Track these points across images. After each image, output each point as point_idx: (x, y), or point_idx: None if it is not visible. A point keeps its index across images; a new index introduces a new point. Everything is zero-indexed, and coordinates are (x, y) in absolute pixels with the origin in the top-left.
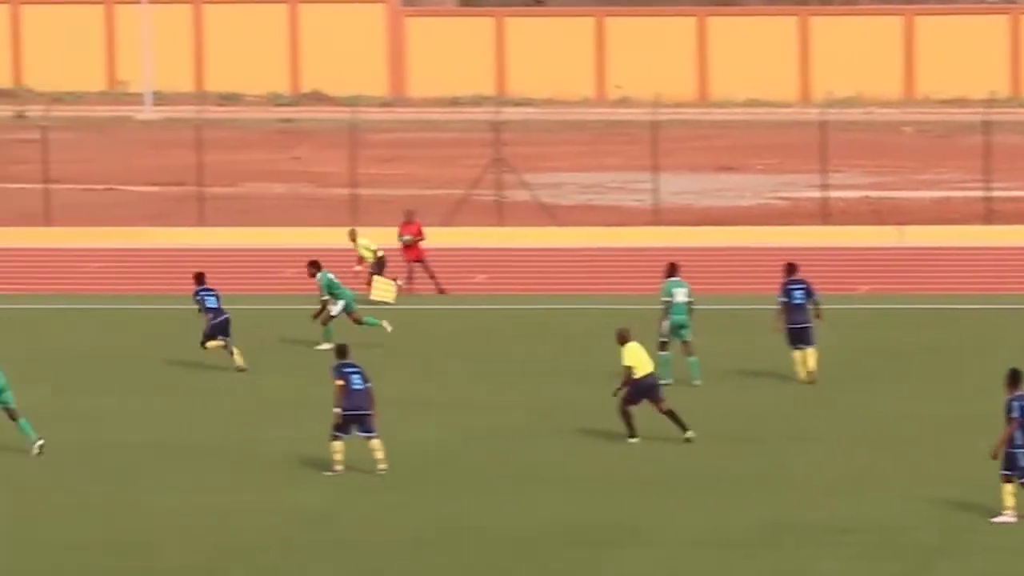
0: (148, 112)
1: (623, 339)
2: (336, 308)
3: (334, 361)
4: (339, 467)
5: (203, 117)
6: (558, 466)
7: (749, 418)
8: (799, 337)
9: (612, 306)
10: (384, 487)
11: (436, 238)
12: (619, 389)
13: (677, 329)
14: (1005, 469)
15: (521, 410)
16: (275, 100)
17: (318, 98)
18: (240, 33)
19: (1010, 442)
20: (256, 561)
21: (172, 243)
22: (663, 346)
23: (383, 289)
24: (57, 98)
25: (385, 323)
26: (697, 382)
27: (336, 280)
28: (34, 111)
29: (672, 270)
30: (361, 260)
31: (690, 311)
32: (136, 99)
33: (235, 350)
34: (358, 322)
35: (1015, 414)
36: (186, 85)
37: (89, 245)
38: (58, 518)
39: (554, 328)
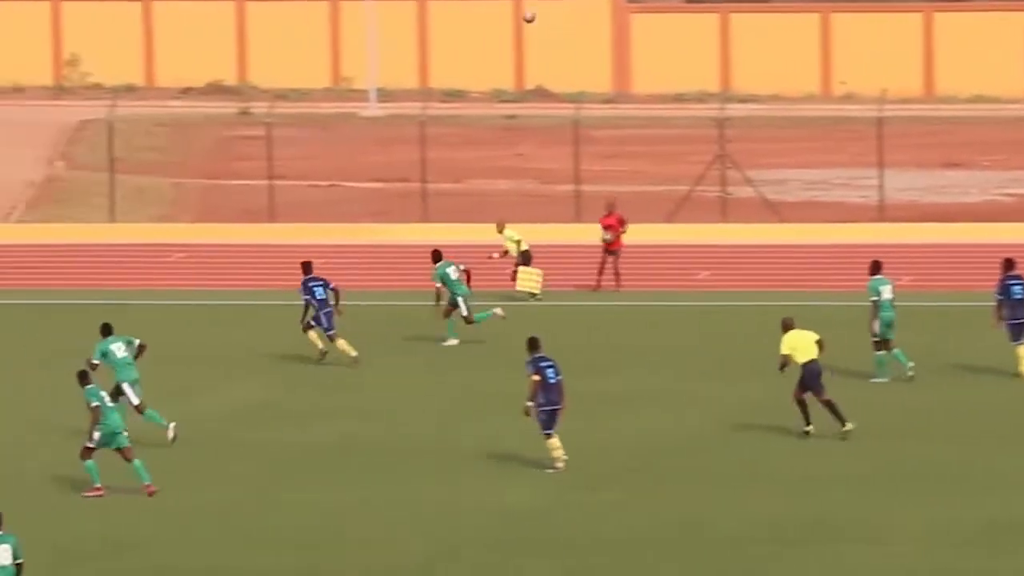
0: (372, 109)
1: (787, 327)
2: (463, 305)
3: (528, 355)
4: (560, 463)
5: (427, 114)
6: (774, 462)
7: (968, 415)
8: (1019, 333)
9: (837, 303)
10: (599, 484)
11: (658, 234)
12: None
13: (886, 327)
14: None
15: (739, 406)
16: (499, 96)
17: (542, 94)
18: (464, 29)
19: None
20: (471, 558)
21: (395, 239)
22: (878, 346)
23: (529, 280)
24: (281, 95)
25: (498, 310)
26: (911, 372)
27: (452, 274)
28: (259, 108)
29: (876, 267)
30: (506, 252)
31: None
32: (360, 96)
33: (342, 341)
34: (468, 321)
35: None
36: (410, 82)
37: (312, 241)
38: (275, 515)
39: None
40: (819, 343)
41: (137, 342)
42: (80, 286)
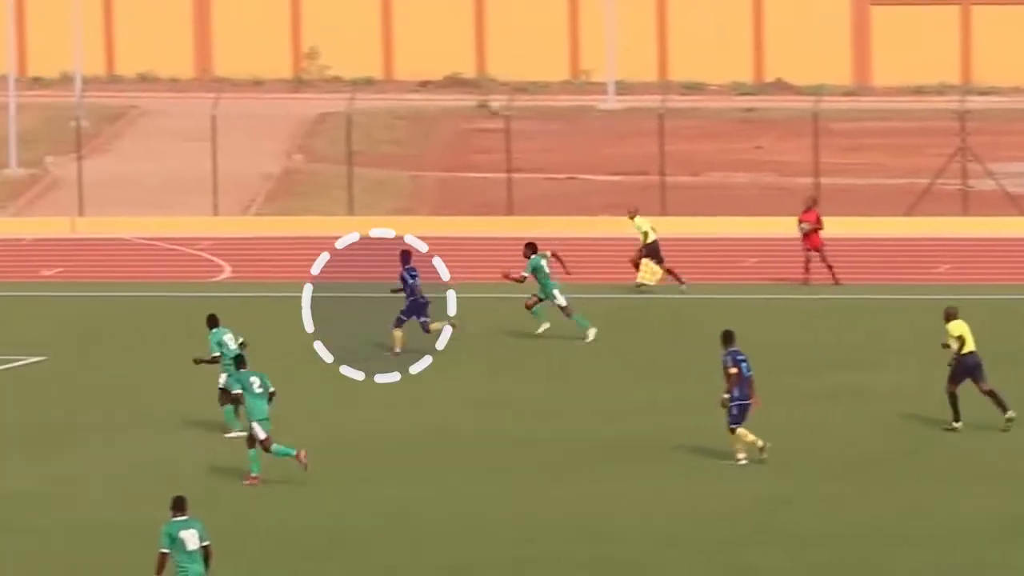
0: (611, 102)
1: (949, 316)
2: (560, 298)
3: (723, 349)
4: (741, 456)
5: (666, 106)
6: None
7: None
8: None
9: None
10: (830, 477)
11: (897, 228)
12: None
13: None
14: None
15: (979, 401)
16: (738, 89)
17: (781, 87)
18: (704, 22)
19: None
20: (697, 551)
21: (633, 233)
22: None
23: (649, 273)
24: (520, 88)
25: (585, 324)
26: None
27: (545, 267)
28: (497, 101)
29: None
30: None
31: None
32: (599, 88)
33: (433, 326)
34: (567, 314)
35: None
36: (649, 74)
37: (550, 234)
38: (505, 508)
39: (1019, 317)
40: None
41: (241, 338)
42: (318, 279)
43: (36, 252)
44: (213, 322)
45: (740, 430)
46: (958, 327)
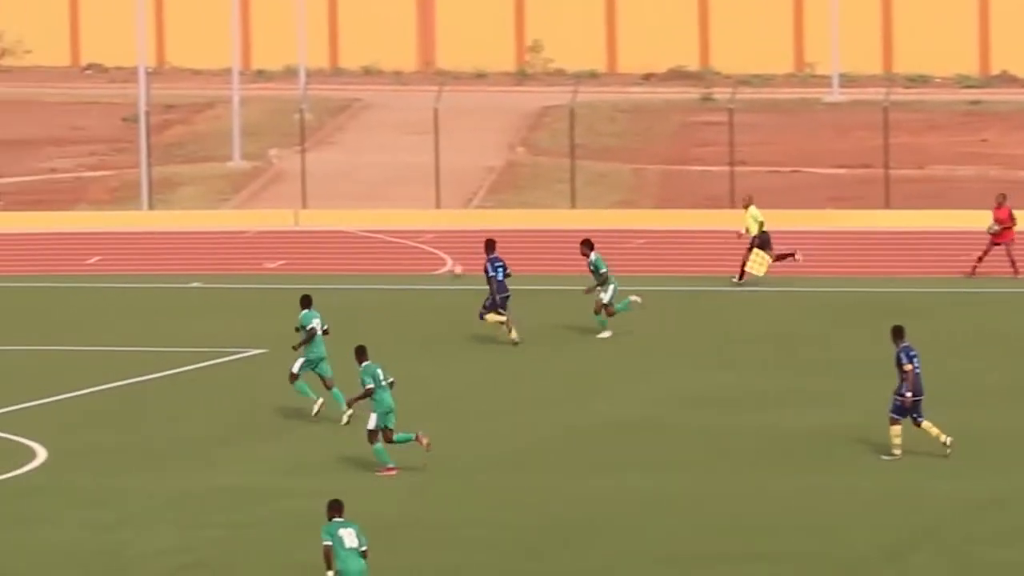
0: (835, 94)
1: None
2: (606, 295)
3: (894, 345)
4: (897, 451)
5: (890, 99)
6: None
7: None
8: None
9: None
10: None
11: None
12: None
13: None
14: None
15: None
16: (963, 82)
17: (1007, 80)
18: (929, 14)
19: None
20: (936, 548)
21: (856, 226)
22: None
23: (759, 262)
24: (744, 80)
25: (634, 297)
26: None
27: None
28: (721, 94)
29: None
30: (747, 230)
31: None
32: (823, 81)
33: (511, 326)
34: (610, 314)
35: None
36: (873, 67)
37: (772, 228)
38: (725, 501)
39: None
40: None
41: (326, 325)
42: (541, 271)
43: (259, 244)
44: (307, 303)
45: (925, 423)
46: None
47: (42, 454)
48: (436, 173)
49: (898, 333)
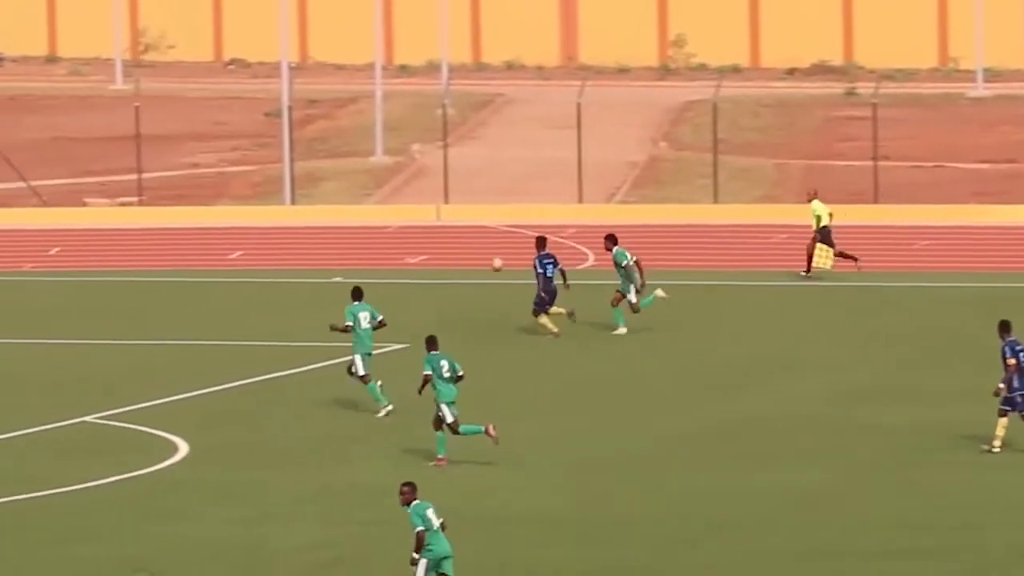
0: (979, 89)
1: None
2: (632, 293)
3: (1000, 339)
4: (997, 443)
5: None
6: None
7: None
8: None
9: None
10: None
11: None
12: None
13: None
14: None
15: None
16: None
17: None
18: None
19: None
20: None
21: (1000, 221)
22: None
23: (824, 256)
24: (887, 75)
25: (660, 292)
26: None
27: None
28: (864, 88)
29: None
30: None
31: None
32: (967, 76)
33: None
34: (635, 310)
35: None
36: (1018, 62)
37: (916, 223)
38: (867, 498)
39: None
40: None
41: (380, 317)
42: (680, 266)
43: (401, 239)
44: (357, 295)
45: (1004, 420)
46: None
47: (183, 449)
48: (578, 168)
49: (1005, 327)
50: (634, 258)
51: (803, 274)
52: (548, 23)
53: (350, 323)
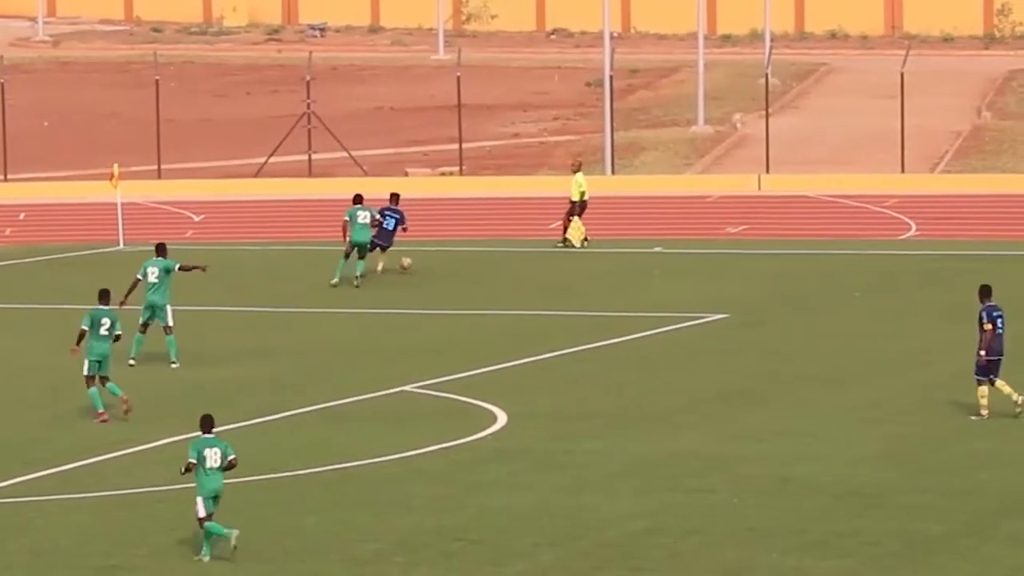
0: None
1: None
2: None
3: (980, 304)
4: (984, 412)
5: None
6: None
7: None
8: None
9: None
10: None
11: None
12: None
13: None
14: None
15: None
16: None
17: None
18: None
19: None
20: None
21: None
22: None
23: (576, 232)
24: None
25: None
26: None
27: None
28: None
29: None
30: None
31: None
32: None
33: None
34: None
35: None
36: None
37: None
38: None
39: None
40: None
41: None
42: (1006, 236)
43: (722, 209)
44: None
45: (999, 383)
46: None
47: (502, 418)
48: (901, 138)
49: (985, 292)
50: None
51: (558, 245)
52: None
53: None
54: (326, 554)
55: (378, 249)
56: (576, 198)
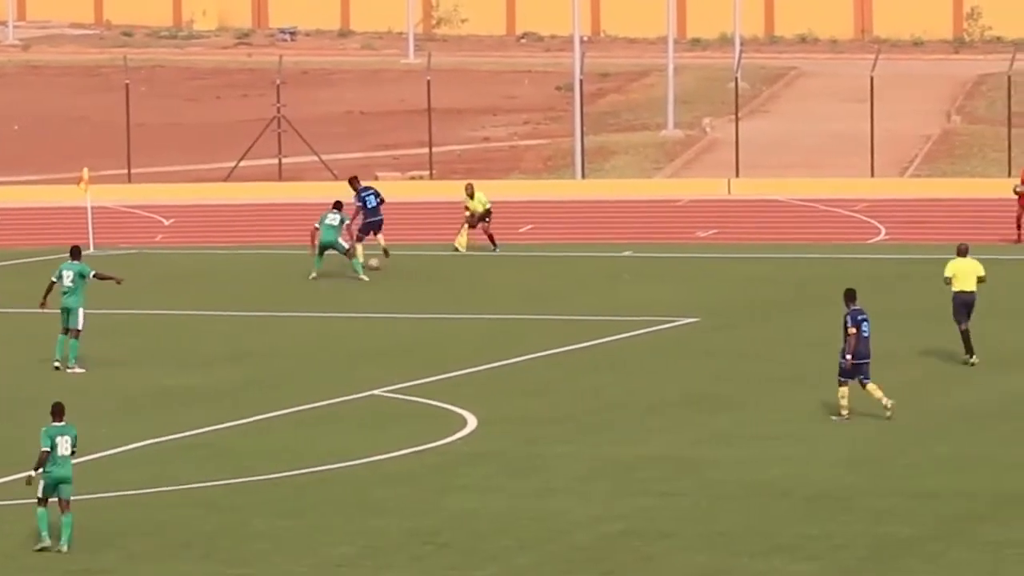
0: None
1: (959, 252)
2: None
3: (845, 307)
4: (845, 412)
5: None
6: None
7: None
8: None
9: None
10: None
11: None
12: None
13: None
14: None
15: None
16: None
17: None
18: None
19: None
20: None
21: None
22: None
23: (461, 239)
24: None
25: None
26: None
27: None
28: None
29: None
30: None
31: None
32: None
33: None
34: None
35: None
36: None
37: None
38: None
39: None
40: (981, 279)
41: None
42: (977, 239)
43: (692, 213)
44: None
45: (870, 386)
46: (953, 265)
47: (472, 422)
48: (871, 142)
49: (850, 296)
50: None
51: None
52: None
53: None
54: (296, 557)
55: (373, 232)
56: (481, 209)
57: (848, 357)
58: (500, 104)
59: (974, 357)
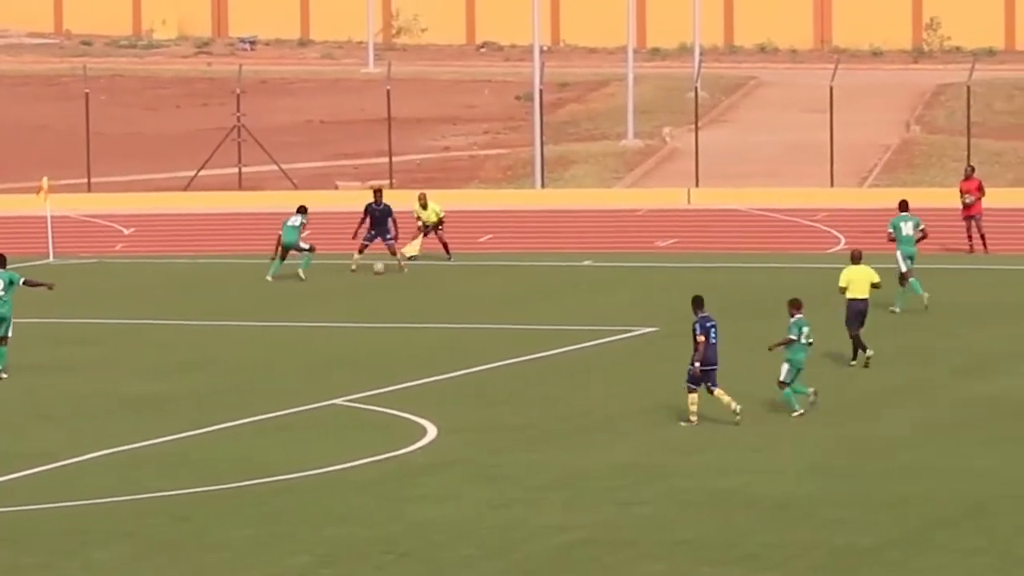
0: None
1: (852, 259)
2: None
3: (694, 315)
4: (694, 418)
5: None
6: None
7: None
8: None
9: None
10: None
11: None
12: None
13: None
14: None
15: None
16: None
17: None
18: None
19: None
20: None
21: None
22: None
23: (413, 246)
24: None
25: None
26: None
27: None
28: None
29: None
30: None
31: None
32: None
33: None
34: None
35: None
36: None
37: None
38: None
39: None
40: (875, 285)
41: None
42: (932, 251)
43: (651, 222)
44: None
45: (717, 391)
46: (848, 273)
47: (432, 431)
48: (830, 151)
49: (698, 303)
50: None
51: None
52: (802, 6)
53: None
54: (257, 566)
55: (387, 244)
56: (434, 219)
57: (696, 364)
58: (460, 113)
59: (869, 351)
